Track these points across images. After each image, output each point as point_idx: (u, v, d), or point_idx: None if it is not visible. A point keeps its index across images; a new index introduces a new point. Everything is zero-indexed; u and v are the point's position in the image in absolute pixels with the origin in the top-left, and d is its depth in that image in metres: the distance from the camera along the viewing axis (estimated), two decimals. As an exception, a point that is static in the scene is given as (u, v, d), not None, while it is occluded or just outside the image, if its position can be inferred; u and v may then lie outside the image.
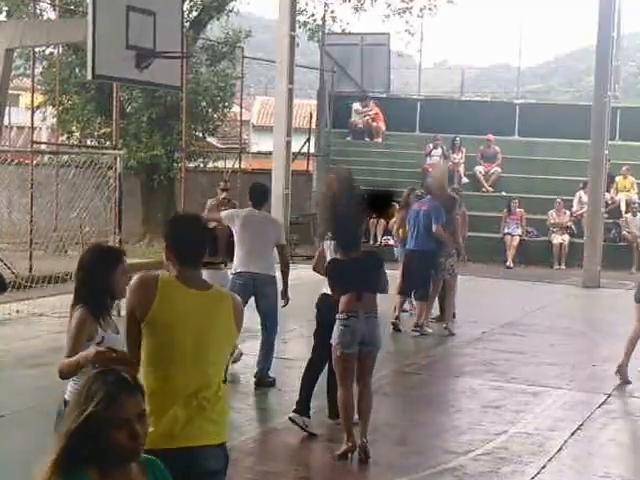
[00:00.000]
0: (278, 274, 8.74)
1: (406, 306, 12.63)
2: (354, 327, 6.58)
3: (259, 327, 11.43)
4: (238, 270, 8.75)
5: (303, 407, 7.21)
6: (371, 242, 19.80)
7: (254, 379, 8.92)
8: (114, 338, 4.46)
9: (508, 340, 11.59)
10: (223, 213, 9.15)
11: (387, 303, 13.25)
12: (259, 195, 8.98)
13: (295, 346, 10.67)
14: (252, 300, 8.78)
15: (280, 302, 8.83)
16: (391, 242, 16.38)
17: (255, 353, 10.09)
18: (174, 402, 3.65)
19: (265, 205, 9.11)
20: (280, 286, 8.79)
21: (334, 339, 6.65)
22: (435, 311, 12.46)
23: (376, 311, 6.76)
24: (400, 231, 12.69)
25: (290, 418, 7.19)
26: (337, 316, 6.65)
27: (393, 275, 13.22)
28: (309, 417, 7.20)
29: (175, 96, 19.29)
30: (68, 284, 13.07)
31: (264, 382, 8.83)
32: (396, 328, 11.72)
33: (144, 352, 3.75)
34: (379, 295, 6.84)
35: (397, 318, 11.82)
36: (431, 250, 11.51)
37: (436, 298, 12.18)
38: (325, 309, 7.02)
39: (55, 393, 8.35)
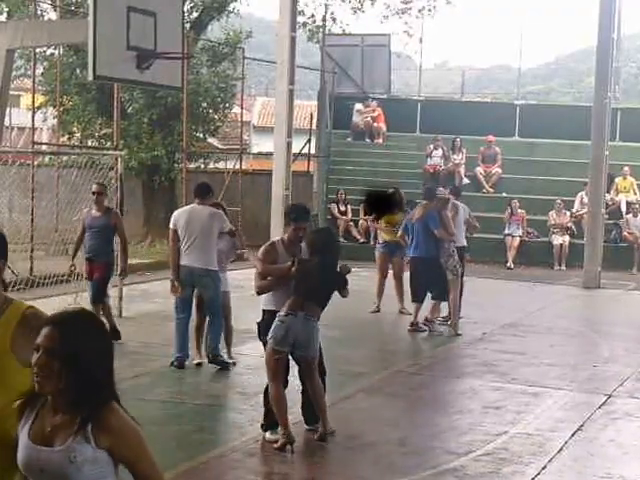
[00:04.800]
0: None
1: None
2: (289, 324, 6.75)
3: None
4: (181, 263, 9.27)
5: (269, 421, 7.09)
6: (371, 242, 19.83)
7: (207, 358, 9.41)
8: None
9: (509, 341, 11.60)
10: (171, 222, 9.50)
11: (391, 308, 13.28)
12: (198, 189, 9.56)
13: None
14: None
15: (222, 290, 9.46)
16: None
17: (256, 354, 10.12)
18: None
19: (208, 198, 9.52)
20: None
21: (269, 333, 6.80)
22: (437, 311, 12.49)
23: (317, 316, 6.90)
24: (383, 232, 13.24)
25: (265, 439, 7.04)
26: (279, 313, 6.79)
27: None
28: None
29: (176, 97, 19.30)
30: (69, 285, 13.09)
31: (217, 360, 9.34)
32: (416, 330, 11.85)
33: None
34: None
35: (414, 324, 11.89)
36: (433, 256, 11.62)
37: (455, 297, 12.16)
38: (266, 326, 6.97)
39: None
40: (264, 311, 7.14)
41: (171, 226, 9.39)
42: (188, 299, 9.44)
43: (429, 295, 12.00)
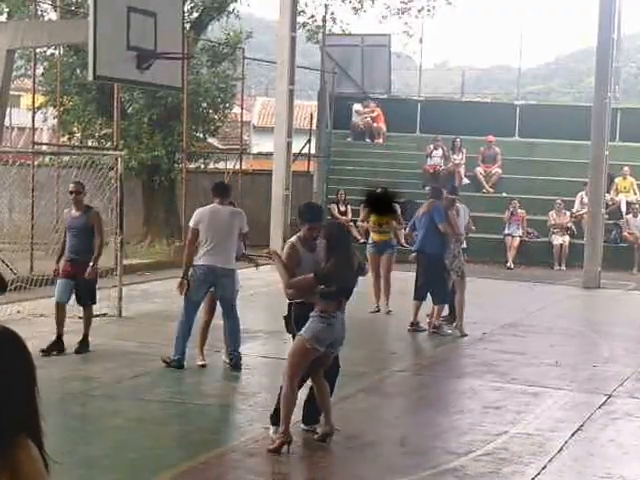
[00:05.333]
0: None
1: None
2: (334, 326, 6.76)
3: (258, 328, 11.49)
4: (200, 262, 9.19)
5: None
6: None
7: (228, 363, 9.37)
8: None
9: (509, 341, 11.60)
10: (192, 221, 9.34)
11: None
12: (220, 188, 9.52)
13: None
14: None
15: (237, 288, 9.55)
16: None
17: (255, 354, 10.13)
18: None
19: (227, 198, 9.51)
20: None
21: (308, 332, 6.71)
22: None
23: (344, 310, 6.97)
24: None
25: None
26: (316, 313, 6.72)
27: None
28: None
29: (176, 97, 19.30)
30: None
31: (239, 365, 9.32)
32: (416, 330, 11.87)
33: None
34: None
35: (414, 324, 11.92)
36: (438, 253, 11.58)
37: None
38: (301, 319, 6.91)
39: (55, 393, 8.38)
40: (291, 304, 7.10)
41: (192, 225, 9.24)
42: (201, 301, 9.39)
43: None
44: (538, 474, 6.51)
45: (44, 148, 21.14)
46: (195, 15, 22.08)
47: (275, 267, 7.09)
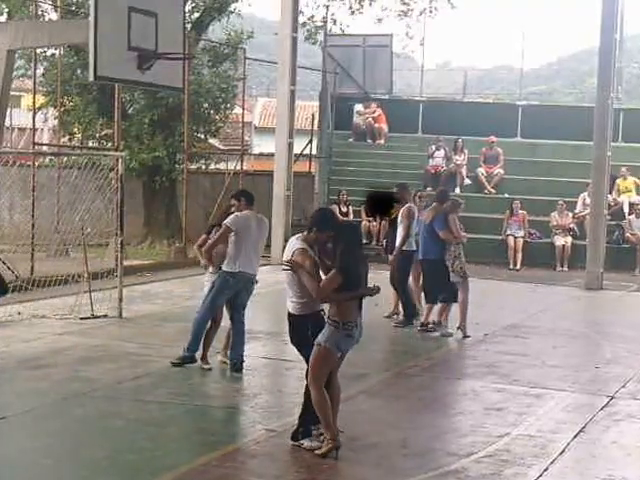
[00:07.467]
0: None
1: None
2: (355, 337, 6.76)
3: (259, 328, 11.46)
4: (236, 270, 9.13)
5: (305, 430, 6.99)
6: (373, 243, 19.79)
7: (231, 365, 9.33)
8: None
9: (510, 342, 11.57)
10: (232, 223, 9.18)
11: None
12: (251, 196, 9.47)
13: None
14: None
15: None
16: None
17: (256, 355, 10.10)
18: None
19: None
20: None
21: (331, 342, 6.64)
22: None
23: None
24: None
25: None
26: (336, 320, 6.63)
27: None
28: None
29: (177, 97, 19.29)
30: (70, 286, 13.08)
31: (241, 367, 9.33)
32: (426, 331, 11.87)
33: None
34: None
35: (424, 325, 11.94)
36: (438, 258, 11.58)
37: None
38: (317, 329, 6.82)
39: (56, 394, 8.35)
40: (305, 315, 6.95)
41: (231, 226, 9.09)
42: (223, 304, 9.45)
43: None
44: (540, 476, 6.49)
45: (45, 149, 21.15)
46: (196, 15, 22.08)
47: (301, 277, 6.79)
